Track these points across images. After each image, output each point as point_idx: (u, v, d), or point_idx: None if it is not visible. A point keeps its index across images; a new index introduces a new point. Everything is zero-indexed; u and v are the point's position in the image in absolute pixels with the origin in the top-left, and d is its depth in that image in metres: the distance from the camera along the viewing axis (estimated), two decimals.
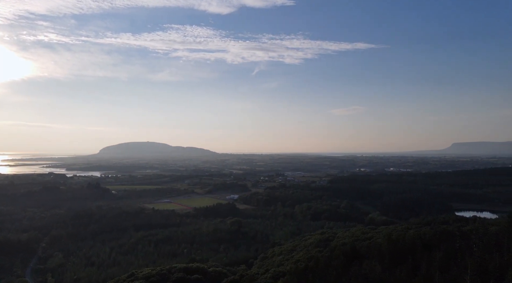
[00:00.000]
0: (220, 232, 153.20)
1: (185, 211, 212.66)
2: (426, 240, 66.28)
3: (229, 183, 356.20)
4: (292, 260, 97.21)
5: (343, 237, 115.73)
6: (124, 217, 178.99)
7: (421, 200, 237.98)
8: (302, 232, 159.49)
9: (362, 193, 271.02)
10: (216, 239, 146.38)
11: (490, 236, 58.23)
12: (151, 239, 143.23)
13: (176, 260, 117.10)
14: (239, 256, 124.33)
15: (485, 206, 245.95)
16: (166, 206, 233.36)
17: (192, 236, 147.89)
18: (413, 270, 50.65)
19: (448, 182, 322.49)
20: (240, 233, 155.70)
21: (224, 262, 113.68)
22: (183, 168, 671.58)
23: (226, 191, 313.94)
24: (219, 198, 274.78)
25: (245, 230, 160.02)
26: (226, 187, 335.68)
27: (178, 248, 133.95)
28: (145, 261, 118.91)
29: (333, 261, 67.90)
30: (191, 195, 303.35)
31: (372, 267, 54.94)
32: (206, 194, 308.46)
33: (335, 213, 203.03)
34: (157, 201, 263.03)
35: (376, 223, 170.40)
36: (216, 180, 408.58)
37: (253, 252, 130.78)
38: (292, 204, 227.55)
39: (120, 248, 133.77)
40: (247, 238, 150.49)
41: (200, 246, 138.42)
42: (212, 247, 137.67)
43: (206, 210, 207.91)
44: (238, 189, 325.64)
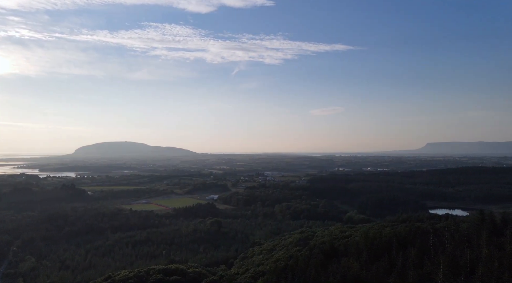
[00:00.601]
0: (199, 233, 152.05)
1: (164, 211, 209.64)
2: (402, 238, 68.17)
3: (209, 183, 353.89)
4: (272, 259, 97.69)
5: (322, 236, 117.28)
6: (100, 219, 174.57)
7: (397, 199, 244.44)
8: (281, 231, 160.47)
9: (341, 192, 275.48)
10: (196, 239, 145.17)
11: (461, 233, 60.59)
12: (129, 241, 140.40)
13: (155, 261, 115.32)
14: (219, 256, 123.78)
15: (457, 204, 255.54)
16: (145, 207, 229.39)
17: (171, 237, 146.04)
18: (389, 266, 52.01)
19: (423, 181, 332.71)
20: (220, 233, 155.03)
21: (203, 263, 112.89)
22: (162, 168, 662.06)
23: (206, 191, 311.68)
24: (198, 198, 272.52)
25: (225, 230, 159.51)
26: (206, 187, 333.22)
27: (157, 249, 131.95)
28: (122, 263, 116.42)
29: (312, 259, 68.77)
30: (170, 195, 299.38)
31: (350, 264, 56.02)
32: (185, 194, 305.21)
33: (314, 212, 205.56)
34: (136, 202, 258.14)
35: (354, 222, 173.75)
36: (196, 180, 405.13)
37: (233, 252, 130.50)
38: (272, 204, 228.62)
39: (96, 251, 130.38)
40: (227, 238, 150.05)
41: (179, 247, 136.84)
42: (192, 247, 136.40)
43: (185, 210, 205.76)
44: (218, 189, 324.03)
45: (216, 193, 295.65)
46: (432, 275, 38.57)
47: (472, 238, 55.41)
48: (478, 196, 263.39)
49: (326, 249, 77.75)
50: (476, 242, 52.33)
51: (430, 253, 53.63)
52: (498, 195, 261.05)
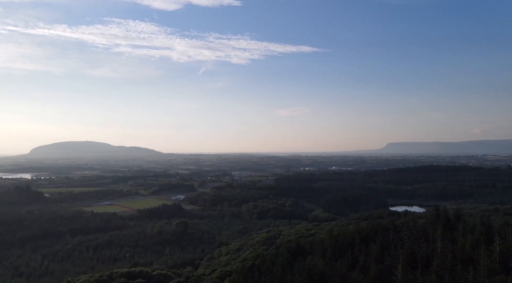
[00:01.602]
0: (165, 234, 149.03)
1: (128, 213, 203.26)
2: (364, 234, 70.64)
3: (175, 184, 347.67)
4: (239, 259, 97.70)
5: (288, 234, 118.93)
6: (59, 222, 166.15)
7: (360, 197, 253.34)
8: (249, 231, 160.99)
9: (307, 191, 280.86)
10: (161, 241, 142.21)
11: (418, 228, 63.80)
12: (89, 244, 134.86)
13: (118, 265, 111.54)
14: (185, 258, 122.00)
15: (415, 201, 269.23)
16: (107, 208, 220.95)
17: (136, 239, 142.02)
18: (353, 262, 53.77)
19: (384, 179, 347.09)
20: (186, 234, 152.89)
21: (169, 265, 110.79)
22: (126, 169, 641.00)
23: (172, 192, 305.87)
24: (164, 199, 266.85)
25: (192, 231, 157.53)
26: (172, 187, 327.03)
27: (120, 253, 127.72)
28: (82, 268, 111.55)
29: (278, 258, 69.56)
30: (135, 196, 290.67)
31: (315, 262, 57.28)
32: (150, 195, 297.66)
33: (281, 211, 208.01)
34: (97, 203, 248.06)
35: (320, 220, 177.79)
36: (162, 180, 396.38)
37: (199, 253, 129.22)
38: (239, 204, 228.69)
39: (54, 256, 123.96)
40: (193, 239, 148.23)
41: (144, 249, 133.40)
42: (157, 249, 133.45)
43: (150, 211, 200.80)
44: (184, 189, 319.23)
45: (182, 194, 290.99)
46: (392, 269, 40.32)
47: (428, 233, 58.61)
48: (433, 194, 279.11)
49: (292, 247, 78.91)
50: (432, 237, 55.40)
51: (390, 248, 56.05)
52: (452, 192, 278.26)
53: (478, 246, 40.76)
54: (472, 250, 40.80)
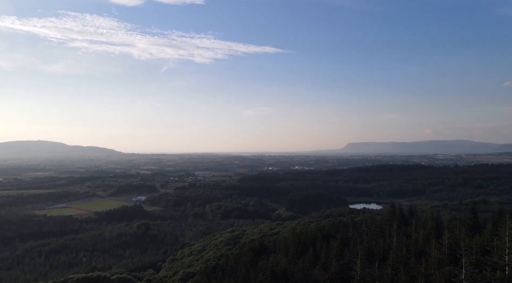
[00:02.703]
0: (125, 237, 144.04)
1: (85, 216, 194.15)
2: (325, 232, 72.70)
3: (135, 184, 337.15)
4: (202, 260, 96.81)
5: (252, 233, 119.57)
6: (7, 227, 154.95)
7: (322, 195, 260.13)
8: (212, 231, 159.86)
9: (270, 191, 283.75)
10: (121, 244, 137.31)
11: (376, 225, 66.70)
12: (42, 250, 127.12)
13: (74, 270, 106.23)
14: (146, 260, 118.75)
15: (373, 199, 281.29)
16: (62, 211, 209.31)
17: (93, 243, 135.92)
18: (314, 259, 55.14)
19: (344, 178, 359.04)
20: (148, 236, 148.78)
21: (130, 268, 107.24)
22: (83, 169, 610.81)
23: (132, 193, 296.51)
24: (124, 200, 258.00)
25: (153, 233, 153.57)
26: (132, 188, 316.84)
27: (76, 257, 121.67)
28: (34, 275, 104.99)
29: (242, 257, 69.66)
30: (92, 198, 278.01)
31: (278, 260, 58.04)
32: (109, 196, 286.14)
33: (245, 211, 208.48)
34: (51, 206, 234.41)
35: (283, 219, 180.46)
36: (122, 181, 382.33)
37: (161, 255, 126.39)
38: (203, 204, 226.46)
39: (1, 263, 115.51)
40: (155, 241, 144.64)
41: (102, 253, 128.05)
42: (117, 253, 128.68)
43: (109, 213, 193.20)
44: (145, 190, 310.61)
45: (143, 195, 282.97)
46: (351, 264, 41.90)
47: (385, 228, 61.46)
48: (390, 191, 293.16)
49: (256, 246, 79.38)
50: (388, 232, 58.16)
51: (350, 244, 58.14)
52: (406, 189, 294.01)
53: (429, 239, 43.45)
54: (424, 244, 43.38)
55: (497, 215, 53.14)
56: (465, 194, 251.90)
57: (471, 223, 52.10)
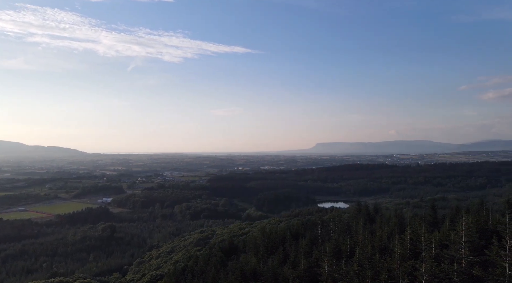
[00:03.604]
0: (89, 240, 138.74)
1: (46, 219, 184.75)
2: (295, 230, 73.75)
3: (101, 186, 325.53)
4: (171, 261, 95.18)
5: (221, 234, 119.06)
6: None
7: (291, 195, 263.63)
8: (181, 232, 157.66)
9: (240, 191, 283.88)
10: (85, 247, 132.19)
11: (343, 222, 68.57)
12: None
13: (33, 276, 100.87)
14: (112, 264, 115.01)
15: (340, 197, 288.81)
16: (20, 215, 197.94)
17: (54, 248, 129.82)
18: (284, 258, 55.78)
19: (313, 178, 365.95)
20: (114, 239, 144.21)
21: (94, 272, 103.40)
22: (43, 170, 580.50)
23: (97, 195, 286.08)
24: (89, 202, 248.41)
25: (120, 235, 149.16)
26: (97, 190, 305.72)
27: (35, 263, 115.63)
28: None
29: (212, 258, 69.18)
30: (54, 201, 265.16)
31: (248, 259, 58.16)
32: (72, 198, 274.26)
33: (215, 211, 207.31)
34: (7, 210, 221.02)
35: (253, 218, 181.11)
36: (86, 182, 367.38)
37: (128, 258, 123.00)
38: (172, 205, 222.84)
39: None
40: (122, 244, 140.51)
41: (64, 258, 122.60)
42: (80, 257, 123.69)
43: (72, 216, 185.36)
44: (112, 191, 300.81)
45: (109, 196, 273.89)
46: (319, 261, 42.79)
47: (352, 226, 63.34)
48: (356, 190, 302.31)
49: (225, 246, 79.12)
50: (354, 230, 59.96)
51: (318, 242, 59.37)
52: (372, 188, 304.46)
53: (393, 236, 45.22)
54: (388, 240, 45.10)
55: (454, 211, 56.26)
56: (426, 191, 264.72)
57: (431, 219, 54.79)
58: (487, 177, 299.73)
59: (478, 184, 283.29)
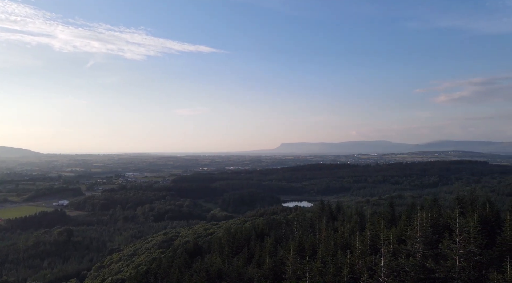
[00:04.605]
0: (44, 245, 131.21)
1: None
2: (260, 230, 74.29)
3: (57, 188, 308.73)
4: (133, 265, 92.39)
5: (186, 235, 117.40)
6: None
7: (256, 194, 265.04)
8: (144, 234, 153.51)
9: (205, 191, 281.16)
10: (39, 253, 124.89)
11: (307, 221, 70.11)
12: None
13: None
14: (69, 270, 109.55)
15: (304, 197, 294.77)
16: None
17: (4, 254, 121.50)
18: (249, 257, 56.03)
19: (278, 177, 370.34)
20: (71, 243, 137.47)
21: (48, 279, 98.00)
22: None
23: (53, 197, 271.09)
24: (43, 205, 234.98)
25: (78, 239, 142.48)
26: (53, 192, 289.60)
27: None
28: None
29: (176, 260, 67.97)
30: (4, 204, 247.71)
31: (213, 260, 57.79)
32: (25, 202, 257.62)
33: (179, 212, 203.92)
34: None
35: (218, 219, 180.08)
36: (40, 184, 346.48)
37: (87, 262, 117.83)
38: (134, 206, 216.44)
39: None
40: (80, 248, 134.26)
41: (15, 265, 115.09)
42: (33, 263, 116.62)
43: (24, 221, 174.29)
44: (69, 193, 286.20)
45: (66, 198, 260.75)
46: (284, 260, 43.46)
47: (315, 224, 64.91)
48: (319, 189, 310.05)
49: (190, 248, 78.08)
50: (318, 228, 61.51)
51: (283, 241, 60.26)
52: (334, 187, 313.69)
53: (354, 233, 46.92)
54: (350, 237, 46.71)
55: (410, 208, 59.34)
56: (384, 190, 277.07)
57: (389, 216, 57.46)
58: (439, 175, 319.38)
59: (431, 182, 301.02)
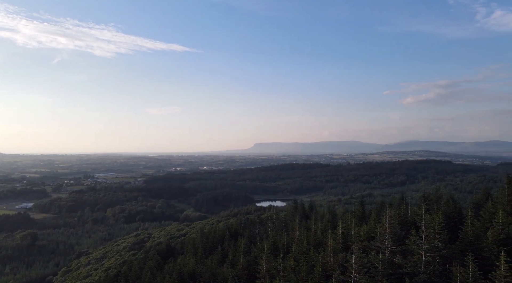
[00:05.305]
0: (5, 250, 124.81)
1: None
2: (234, 230, 74.19)
3: (20, 190, 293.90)
4: (103, 268, 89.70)
5: (158, 236, 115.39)
6: None
7: (230, 195, 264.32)
8: (114, 237, 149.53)
9: (178, 192, 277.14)
10: (0, 259, 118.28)
11: (280, 220, 70.79)
12: None
13: None
14: (33, 275, 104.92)
15: (278, 196, 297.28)
16: None
17: None
18: (223, 257, 55.84)
19: (251, 177, 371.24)
20: (36, 248, 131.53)
21: None
22: None
23: (16, 199, 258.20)
24: (5, 208, 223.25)
25: (43, 243, 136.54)
26: (15, 194, 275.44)
27: None
28: None
29: (148, 262, 66.65)
30: None
31: (186, 261, 57.08)
32: None
33: (151, 213, 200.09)
34: None
35: (191, 219, 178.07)
36: (1, 186, 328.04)
37: (52, 267, 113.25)
38: (104, 208, 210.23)
39: None
40: (45, 253, 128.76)
41: None
42: None
43: None
44: (33, 196, 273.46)
45: (31, 201, 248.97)
46: (258, 259, 43.68)
47: (289, 223, 65.65)
48: (293, 188, 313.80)
49: (162, 249, 76.79)
50: (291, 227, 62.24)
51: (256, 240, 60.46)
52: (307, 186, 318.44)
53: (326, 231, 47.85)
54: (322, 235, 47.60)
55: (380, 206, 61.28)
56: (356, 189, 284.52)
57: (360, 214, 59.01)
58: (406, 174, 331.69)
59: (399, 181, 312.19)
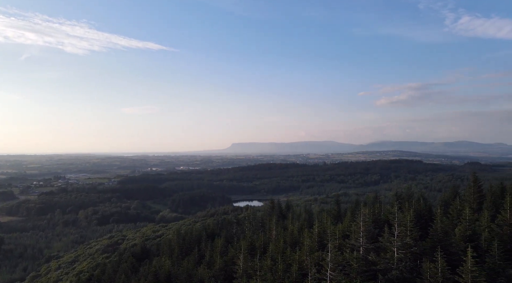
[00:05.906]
0: None
1: None
2: (210, 230, 73.75)
3: None
4: (74, 272, 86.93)
5: (133, 238, 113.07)
6: None
7: (207, 195, 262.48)
8: (87, 239, 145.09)
9: (154, 192, 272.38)
10: None
11: (257, 220, 70.98)
12: None
13: None
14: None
15: (255, 196, 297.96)
16: None
17: None
18: (199, 258, 55.39)
19: (228, 177, 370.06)
20: (2, 252, 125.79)
21: None
22: None
23: None
24: None
25: (9, 247, 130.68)
26: None
27: None
28: None
29: (122, 264, 65.17)
30: None
31: (162, 263, 56.20)
32: None
33: (126, 215, 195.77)
34: None
35: (167, 220, 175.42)
36: None
37: (20, 272, 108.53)
38: (76, 210, 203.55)
39: None
40: (12, 257, 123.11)
41: None
42: None
43: None
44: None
45: None
46: (235, 259, 43.63)
47: (266, 223, 65.92)
48: (270, 188, 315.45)
49: (137, 251, 75.28)
50: (268, 226, 62.53)
51: (234, 240, 60.34)
52: (284, 186, 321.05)
53: (303, 230, 48.45)
54: (299, 234, 48.14)
55: (354, 205, 62.72)
56: (331, 188, 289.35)
57: (336, 213, 60.14)
58: (380, 174, 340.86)
59: (373, 180, 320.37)
